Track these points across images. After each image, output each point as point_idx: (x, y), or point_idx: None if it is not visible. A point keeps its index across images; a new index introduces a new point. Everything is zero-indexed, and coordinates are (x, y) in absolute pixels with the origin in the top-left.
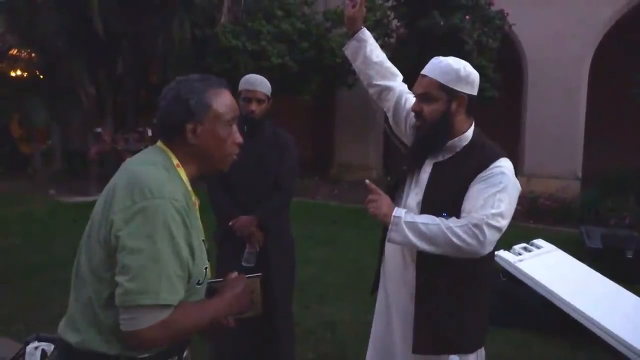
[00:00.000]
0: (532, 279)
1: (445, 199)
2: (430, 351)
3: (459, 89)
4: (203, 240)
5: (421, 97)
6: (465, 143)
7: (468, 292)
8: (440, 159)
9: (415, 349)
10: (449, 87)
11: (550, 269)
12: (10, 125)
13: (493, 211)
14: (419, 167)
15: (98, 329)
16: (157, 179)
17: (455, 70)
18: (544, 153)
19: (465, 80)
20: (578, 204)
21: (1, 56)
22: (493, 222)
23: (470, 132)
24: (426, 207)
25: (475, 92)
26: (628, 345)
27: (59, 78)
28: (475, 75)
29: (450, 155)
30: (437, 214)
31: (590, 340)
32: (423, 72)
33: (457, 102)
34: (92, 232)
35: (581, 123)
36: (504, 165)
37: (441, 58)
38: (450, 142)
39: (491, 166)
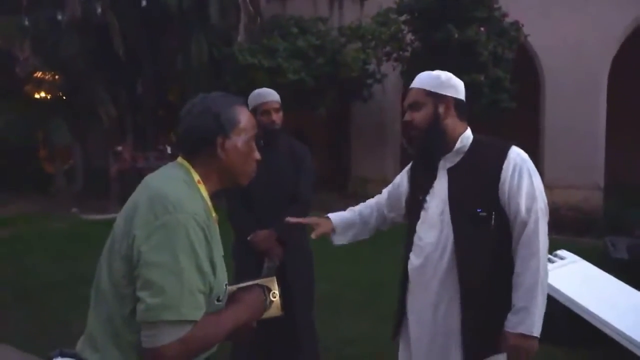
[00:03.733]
0: (556, 290)
1: (473, 199)
2: (479, 355)
3: (443, 92)
4: (223, 256)
5: (410, 107)
6: (469, 142)
7: (508, 291)
8: (451, 164)
9: (467, 356)
10: (433, 92)
11: (575, 280)
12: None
13: (540, 205)
14: (432, 177)
15: (118, 347)
16: (178, 194)
17: (436, 76)
18: (564, 163)
19: (448, 83)
20: (601, 215)
21: (26, 79)
22: (543, 217)
23: (469, 132)
24: (455, 213)
25: (461, 97)
26: None
27: (80, 99)
28: (457, 80)
29: (460, 157)
30: (469, 215)
31: (616, 353)
32: (410, 86)
33: (444, 105)
34: (114, 247)
35: (601, 132)
36: (519, 151)
37: (424, 72)
38: (457, 146)
39: (509, 156)
